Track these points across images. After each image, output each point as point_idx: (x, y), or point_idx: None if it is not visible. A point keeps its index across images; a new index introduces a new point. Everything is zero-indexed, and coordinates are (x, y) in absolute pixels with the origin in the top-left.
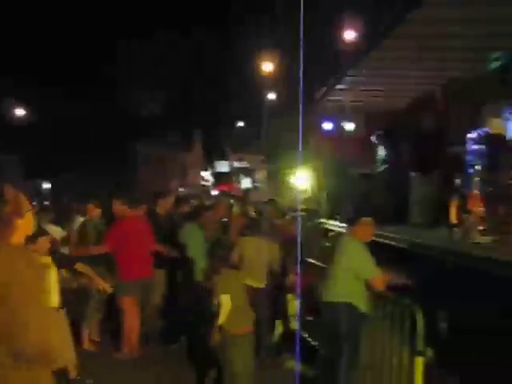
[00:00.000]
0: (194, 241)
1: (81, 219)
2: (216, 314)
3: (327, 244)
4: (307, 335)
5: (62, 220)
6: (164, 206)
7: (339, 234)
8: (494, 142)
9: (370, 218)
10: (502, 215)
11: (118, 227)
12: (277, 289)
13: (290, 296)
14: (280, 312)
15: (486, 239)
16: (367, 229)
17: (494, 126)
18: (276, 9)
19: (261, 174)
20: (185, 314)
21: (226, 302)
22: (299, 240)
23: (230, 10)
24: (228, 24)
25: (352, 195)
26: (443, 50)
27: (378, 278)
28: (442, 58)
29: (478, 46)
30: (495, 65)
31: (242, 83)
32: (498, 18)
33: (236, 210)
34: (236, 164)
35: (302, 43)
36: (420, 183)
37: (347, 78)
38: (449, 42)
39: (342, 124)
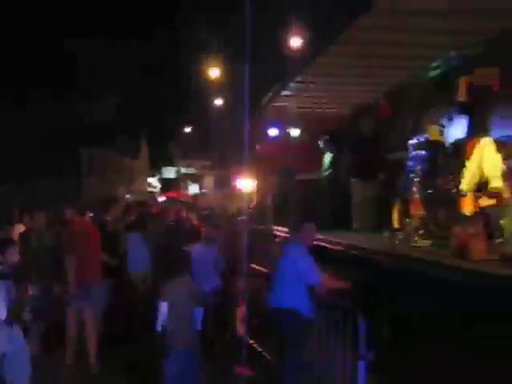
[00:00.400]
0: (137, 249)
1: (21, 227)
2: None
3: (273, 249)
4: (254, 340)
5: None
6: (114, 213)
7: (284, 239)
8: (433, 147)
9: (312, 223)
10: (441, 219)
11: (70, 234)
12: (224, 294)
13: (236, 301)
14: (227, 317)
15: (426, 243)
16: (310, 235)
17: (432, 132)
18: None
19: (208, 180)
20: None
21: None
22: (246, 245)
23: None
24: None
25: (297, 201)
26: (387, 58)
27: (322, 282)
28: (386, 65)
29: (420, 54)
30: (435, 73)
31: (190, 88)
32: (439, 28)
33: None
34: (184, 170)
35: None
36: (362, 188)
37: (293, 84)
38: (392, 49)
39: (287, 130)
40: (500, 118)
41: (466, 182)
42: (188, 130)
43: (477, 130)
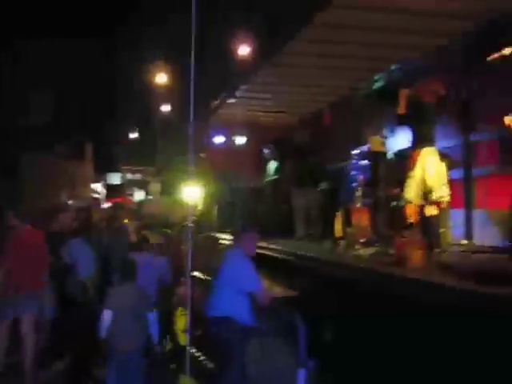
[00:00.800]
0: (81, 256)
1: None
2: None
3: (216, 257)
4: (196, 350)
5: None
6: (63, 220)
7: (226, 247)
8: (375, 158)
9: (254, 232)
10: (382, 228)
11: (12, 240)
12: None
13: (178, 311)
14: (168, 327)
15: (367, 251)
16: (251, 242)
17: (374, 143)
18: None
19: (154, 187)
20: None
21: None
22: (190, 253)
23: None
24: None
25: (242, 208)
26: (331, 69)
27: (263, 291)
28: (330, 76)
29: (363, 66)
30: (377, 86)
31: (136, 93)
32: (381, 42)
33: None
34: (129, 176)
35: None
36: (304, 197)
37: (239, 91)
38: (336, 61)
39: (233, 137)
40: (439, 129)
41: (411, 191)
42: (134, 135)
43: (420, 141)
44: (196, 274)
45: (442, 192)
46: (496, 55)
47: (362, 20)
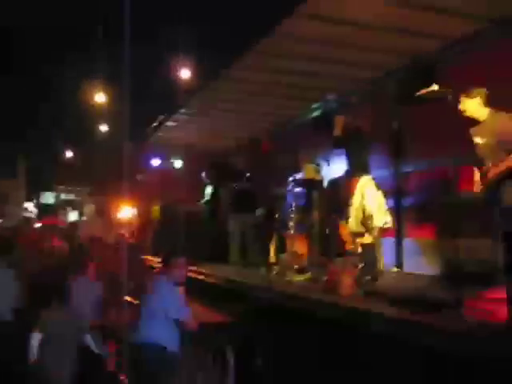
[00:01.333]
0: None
1: None
2: None
3: (146, 282)
4: (124, 377)
5: None
6: None
7: (156, 272)
8: (309, 185)
9: (183, 259)
10: (315, 254)
11: None
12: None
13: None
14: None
15: (300, 277)
16: (180, 269)
17: (308, 170)
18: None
19: (88, 207)
20: None
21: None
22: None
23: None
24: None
25: (177, 232)
26: (269, 96)
27: (191, 318)
28: (268, 103)
29: (301, 95)
30: (314, 114)
31: (73, 112)
32: (318, 73)
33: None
34: (63, 196)
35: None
36: (241, 222)
37: (178, 115)
38: (274, 89)
39: (171, 160)
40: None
41: (351, 219)
42: (70, 155)
43: (356, 169)
44: (128, 299)
45: (385, 218)
46: (424, 91)
47: (300, 50)
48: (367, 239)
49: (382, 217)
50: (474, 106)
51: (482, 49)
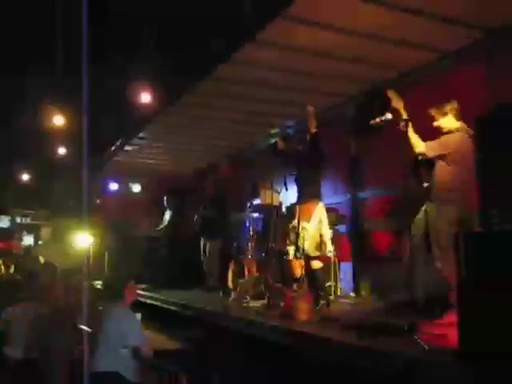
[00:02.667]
0: None
1: None
2: None
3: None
4: None
5: None
6: None
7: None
8: (266, 211)
9: (133, 283)
10: (272, 280)
11: None
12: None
13: None
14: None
15: (257, 303)
16: (131, 293)
17: (266, 196)
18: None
19: (45, 232)
20: None
21: None
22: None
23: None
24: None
25: (132, 258)
26: (227, 122)
27: (146, 345)
28: (227, 128)
29: (259, 121)
30: (272, 140)
31: (30, 134)
32: (278, 100)
33: None
34: (18, 220)
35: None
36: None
37: (135, 139)
38: (233, 115)
39: (129, 185)
40: (330, 184)
41: (309, 243)
42: (26, 178)
43: (310, 195)
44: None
45: (330, 246)
46: (378, 119)
47: (259, 76)
48: (317, 264)
49: (329, 244)
50: (448, 121)
51: (433, 78)
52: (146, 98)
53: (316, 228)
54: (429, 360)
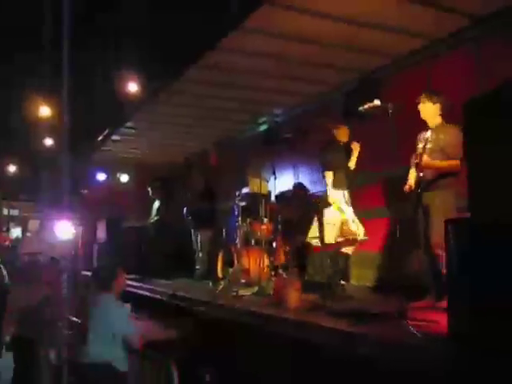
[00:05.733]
0: None
1: None
2: None
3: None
4: None
5: None
6: None
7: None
8: (255, 200)
9: (122, 272)
10: (262, 268)
11: None
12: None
13: None
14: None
15: (248, 291)
16: (119, 282)
17: (254, 185)
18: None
19: (33, 224)
20: None
21: None
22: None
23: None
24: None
25: (124, 248)
26: (215, 110)
27: (136, 334)
28: (214, 117)
29: (247, 109)
30: (260, 128)
31: (17, 125)
32: (266, 88)
33: None
34: (6, 211)
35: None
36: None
37: (124, 128)
38: (222, 103)
39: (117, 175)
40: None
41: (329, 232)
42: (13, 169)
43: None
44: (71, 317)
45: (353, 231)
46: (367, 106)
47: (247, 64)
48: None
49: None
50: (431, 111)
51: (421, 65)
52: (132, 86)
53: (333, 216)
54: (418, 344)
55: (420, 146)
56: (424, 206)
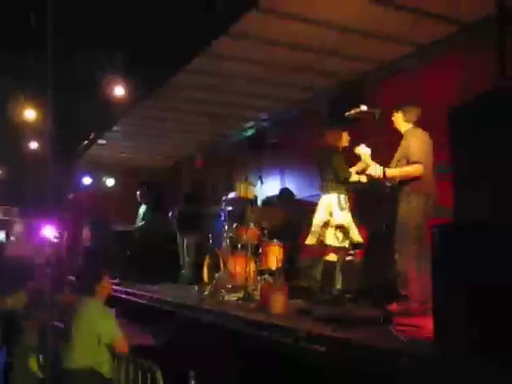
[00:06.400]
0: None
1: None
2: None
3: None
4: None
5: None
6: None
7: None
8: (241, 204)
9: (107, 277)
10: (248, 272)
11: None
12: None
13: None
14: None
15: (233, 296)
16: (105, 287)
17: (241, 189)
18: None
19: (17, 227)
20: None
21: None
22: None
23: None
24: None
25: (107, 252)
26: (202, 115)
27: (121, 340)
28: (201, 121)
29: (233, 113)
30: (247, 133)
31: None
32: (250, 92)
33: None
34: None
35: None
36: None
37: (111, 133)
38: (208, 108)
39: (103, 179)
40: (306, 179)
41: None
42: None
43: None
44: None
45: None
46: (353, 111)
47: (234, 69)
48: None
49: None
50: (396, 120)
51: (407, 72)
52: (119, 90)
53: (320, 219)
54: (404, 350)
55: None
56: (394, 212)
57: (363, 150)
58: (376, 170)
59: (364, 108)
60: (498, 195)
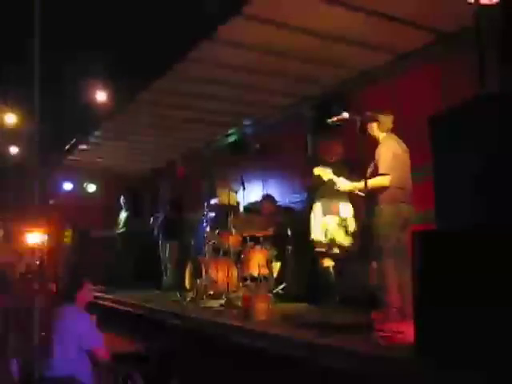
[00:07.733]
0: None
1: None
2: None
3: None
4: None
5: None
6: None
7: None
8: (223, 210)
9: (88, 283)
10: (230, 279)
11: None
12: None
13: None
14: None
15: (215, 303)
16: (85, 293)
17: (223, 196)
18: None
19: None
20: None
21: None
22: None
23: None
24: None
25: (88, 258)
26: (183, 121)
27: (101, 347)
28: (183, 127)
29: (216, 119)
30: (229, 139)
31: None
32: (232, 98)
33: None
34: None
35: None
36: (161, 248)
37: (92, 138)
38: (190, 114)
39: (84, 185)
40: (288, 184)
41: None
42: None
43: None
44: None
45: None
46: (335, 118)
47: (215, 75)
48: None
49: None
50: (373, 128)
51: (389, 79)
52: (100, 96)
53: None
54: (386, 356)
55: None
56: (369, 223)
57: (321, 172)
58: (342, 184)
59: (346, 115)
60: (480, 201)
